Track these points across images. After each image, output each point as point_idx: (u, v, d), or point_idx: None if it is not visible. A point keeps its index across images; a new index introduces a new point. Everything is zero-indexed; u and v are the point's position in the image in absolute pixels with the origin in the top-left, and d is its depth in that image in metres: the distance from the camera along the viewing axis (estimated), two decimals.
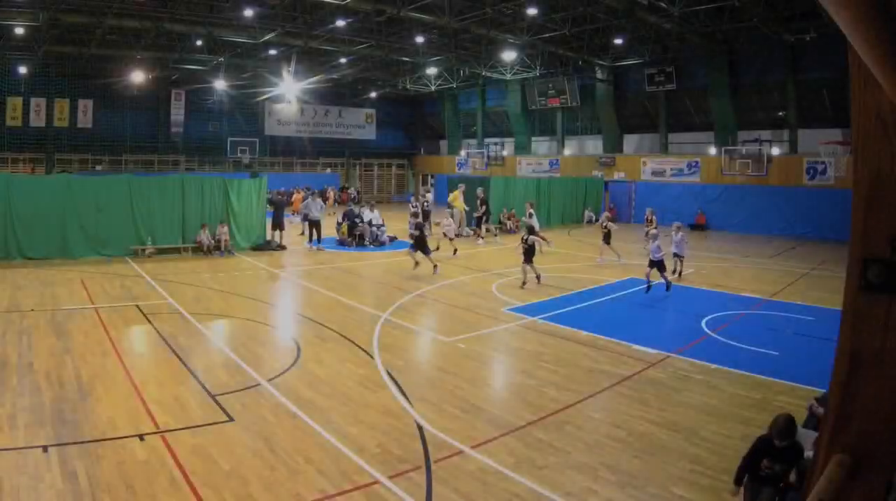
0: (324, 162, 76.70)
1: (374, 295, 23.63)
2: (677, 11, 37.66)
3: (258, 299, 22.06)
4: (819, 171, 44.24)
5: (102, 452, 10.02)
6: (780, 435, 7.84)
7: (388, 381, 13.76)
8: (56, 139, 59.96)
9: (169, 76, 61.39)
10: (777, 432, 7.84)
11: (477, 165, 69.48)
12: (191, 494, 8.91)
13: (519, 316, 19.78)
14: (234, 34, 46.59)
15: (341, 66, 59.45)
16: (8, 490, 8.72)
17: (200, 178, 33.19)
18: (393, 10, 39.93)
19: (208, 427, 11.18)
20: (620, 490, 9.25)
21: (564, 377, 14.25)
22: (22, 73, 56.39)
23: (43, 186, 29.49)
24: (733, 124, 49.33)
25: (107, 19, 41.71)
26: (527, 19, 43.79)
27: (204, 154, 68.06)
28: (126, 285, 23.81)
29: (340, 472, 9.67)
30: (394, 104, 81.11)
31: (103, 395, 12.47)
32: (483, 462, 10.07)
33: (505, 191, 44.88)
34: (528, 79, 61.68)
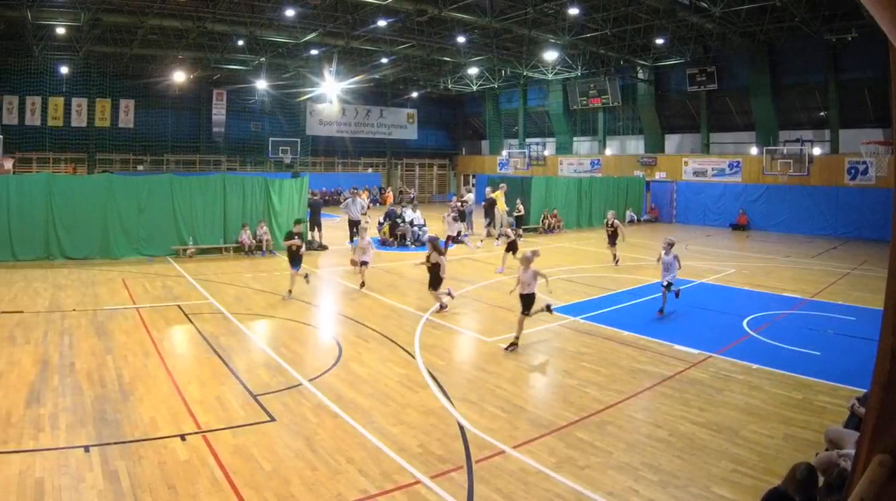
0: (365, 162, 76.88)
1: (415, 294, 23.49)
2: (719, 11, 37.54)
3: (299, 299, 22.02)
4: (860, 171, 43.86)
5: (144, 452, 10.11)
6: (799, 490, 6.92)
7: (429, 381, 13.81)
8: (97, 139, 60.35)
9: (210, 76, 61.66)
10: (796, 486, 6.94)
11: (518, 165, 69.26)
12: (232, 494, 8.99)
13: (560, 316, 19.65)
14: (276, 34, 46.82)
15: (383, 65, 59.63)
16: (50, 490, 8.82)
17: (242, 178, 33.41)
18: (434, 9, 39.97)
19: (250, 427, 11.26)
20: (662, 490, 9.26)
21: (606, 377, 14.25)
22: (63, 73, 56.73)
23: (84, 186, 29.55)
24: (774, 124, 49.00)
25: (148, 19, 42.01)
26: (568, 19, 43.82)
27: (245, 154, 68.48)
28: (167, 285, 23.94)
29: (382, 472, 9.70)
30: (435, 104, 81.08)
31: (145, 395, 12.58)
32: (524, 463, 10.07)
33: (546, 191, 44.65)
34: (569, 79, 61.66)
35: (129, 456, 9.92)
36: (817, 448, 9.82)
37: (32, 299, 20.60)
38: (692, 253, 34.40)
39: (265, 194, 32.88)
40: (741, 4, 38.12)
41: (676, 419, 11.92)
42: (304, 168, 67.88)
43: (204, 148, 66.29)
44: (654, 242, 35.33)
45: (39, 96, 56.17)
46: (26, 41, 47.82)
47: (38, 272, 25.39)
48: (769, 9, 39.63)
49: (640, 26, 45.31)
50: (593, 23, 44.85)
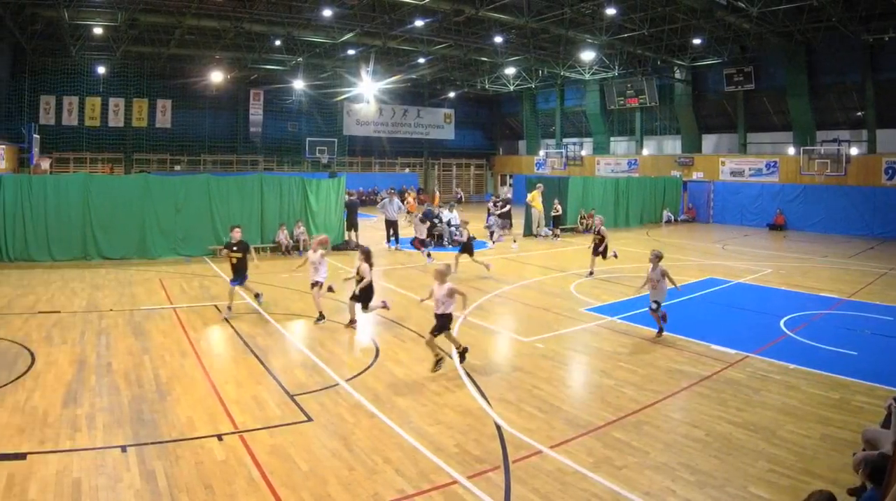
0: (402, 162, 77.04)
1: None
2: (756, 11, 37.35)
3: (336, 299, 21.83)
4: None
5: (181, 452, 10.20)
6: None
7: (466, 381, 13.82)
8: (134, 139, 60.85)
9: (248, 76, 62.01)
10: None
11: (555, 165, 69.22)
12: (269, 494, 9.05)
13: (598, 316, 19.74)
14: (313, 34, 47.01)
15: (420, 65, 59.71)
16: (87, 490, 8.91)
17: (279, 178, 33.49)
18: (471, 9, 39.99)
19: (287, 427, 11.33)
20: (699, 490, 9.25)
21: (643, 377, 14.24)
22: (100, 73, 57.20)
23: (122, 186, 29.78)
24: (811, 124, 48.69)
25: (186, 19, 42.32)
26: (605, 19, 43.70)
27: (282, 154, 68.72)
28: (205, 285, 24.12)
29: (419, 472, 9.75)
30: (472, 104, 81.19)
31: (182, 395, 12.68)
32: (562, 463, 10.08)
33: (583, 191, 44.59)
34: (606, 79, 61.54)
35: (166, 456, 10.01)
36: (854, 449, 9.80)
37: (70, 299, 20.73)
38: (729, 253, 34.41)
39: (302, 194, 32.95)
40: (778, 4, 37.89)
41: (713, 419, 11.90)
42: (341, 168, 68.21)
43: (241, 148, 66.68)
44: (693, 242, 35.38)
45: (77, 96, 56.62)
46: (63, 41, 48.14)
47: (76, 272, 25.56)
48: (806, 9, 39.46)
49: (678, 26, 45.16)
50: (630, 23, 44.79)
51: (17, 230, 27.43)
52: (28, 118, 51.95)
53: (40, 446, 10.11)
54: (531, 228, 40.14)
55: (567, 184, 43.45)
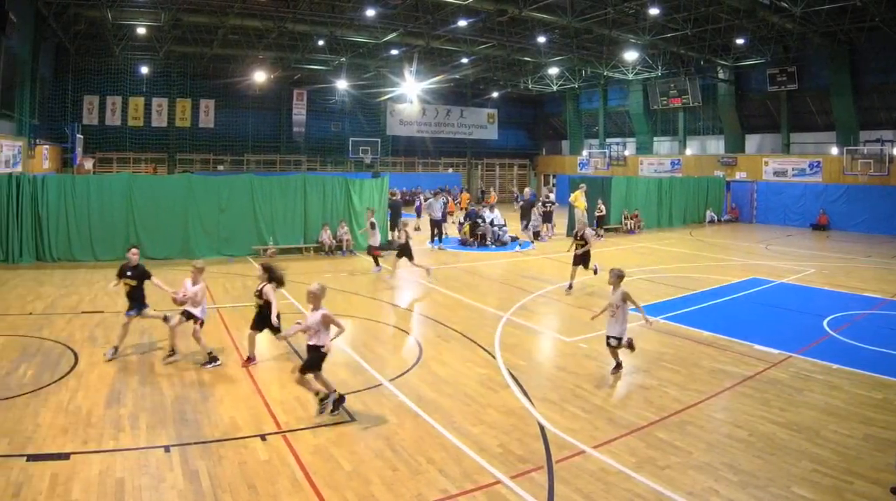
0: (445, 162, 77.04)
1: (495, 294, 23.54)
2: (799, 11, 37.20)
3: (380, 299, 22.18)
4: None
5: (224, 452, 10.29)
6: None
7: (509, 381, 13.82)
8: (178, 139, 61.31)
9: (291, 76, 62.18)
10: None
11: (598, 165, 68.96)
12: (313, 494, 9.10)
13: (640, 317, 19.66)
14: (356, 34, 47.10)
15: (463, 65, 59.70)
16: (130, 490, 9.00)
17: (322, 178, 33.65)
18: (515, 9, 40.02)
19: (330, 428, 11.37)
20: (742, 490, 9.23)
21: (686, 377, 14.22)
22: (143, 73, 57.74)
23: (165, 186, 29.91)
24: (855, 124, 48.30)
25: (229, 19, 42.51)
26: (648, 19, 43.63)
27: (326, 154, 68.96)
28: (248, 285, 23.90)
29: (462, 472, 9.77)
30: (516, 104, 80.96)
31: (225, 395, 12.79)
32: (605, 463, 10.08)
33: (626, 192, 44.43)
34: (649, 79, 61.40)
35: (210, 456, 10.11)
36: None
37: (113, 299, 20.77)
38: (772, 254, 34.21)
39: (345, 194, 33.01)
40: (821, 5, 37.69)
41: (756, 419, 11.86)
42: (385, 168, 68.37)
43: (284, 148, 66.96)
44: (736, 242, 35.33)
45: (120, 96, 57.11)
46: (107, 41, 48.61)
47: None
48: (849, 9, 39.23)
49: (721, 26, 45.02)
50: (673, 23, 44.64)
51: (60, 230, 27.66)
52: (71, 118, 52.34)
53: (83, 446, 10.23)
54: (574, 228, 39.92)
55: (610, 184, 43.27)
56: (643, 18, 43.98)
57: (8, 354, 14.50)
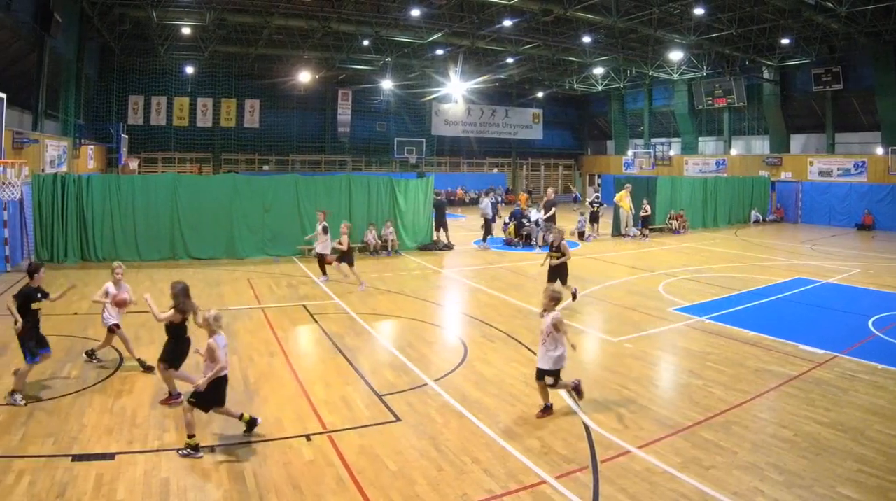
0: (490, 162, 77.02)
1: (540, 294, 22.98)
2: (844, 11, 37.04)
3: (425, 299, 22.21)
4: None
5: (269, 452, 10.34)
6: None
7: None
8: (222, 139, 61.76)
9: (335, 76, 62.46)
10: None
11: (643, 165, 68.80)
12: (358, 494, 9.11)
13: (686, 316, 19.62)
14: (401, 34, 47.40)
15: (508, 65, 59.74)
16: (175, 490, 9.06)
17: (367, 178, 33.70)
18: (560, 9, 40.06)
19: (375, 428, 11.39)
20: (787, 490, 9.17)
21: (731, 377, 14.12)
22: (188, 72, 58.17)
23: (210, 186, 30.02)
24: None
25: (274, 19, 42.90)
26: (693, 19, 43.54)
27: (370, 154, 69.17)
28: (293, 285, 24.25)
29: (507, 472, 9.74)
30: (561, 104, 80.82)
31: (270, 395, 12.85)
32: (650, 462, 10.05)
33: (671, 192, 44.25)
34: (694, 78, 61.17)
35: (255, 457, 10.16)
36: None
37: (157, 299, 20.64)
38: (817, 254, 33.97)
39: (391, 194, 33.02)
40: (867, 5, 37.58)
41: (801, 419, 11.78)
42: (430, 168, 68.61)
43: (329, 148, 67.20)
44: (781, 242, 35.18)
45: (165, 96, 57.68)
46: (152, 41, 49.13)
47: (164, 272, 25.73)
48: (895, 9, 38.94)
49: (766, 26, 44.85)
50: (718, 23, 44.51)
51: (105, 230, 27.84)
52: (116, 118, 52.79)
53: (128, 446, 10.31)
54: (619, 228, 40.04)
55: (655, 184, 43.07)
56: (688, 18, 43.92)
57: (54, 354, 14.44)
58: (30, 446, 10.26)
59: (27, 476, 9.26)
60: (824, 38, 47.46)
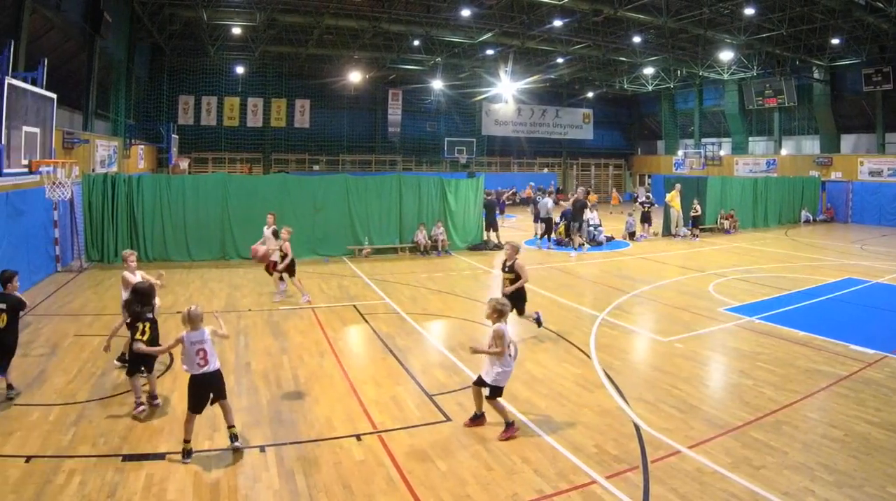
0: (540, 162, 76.97)
1: (590, 295, 23.44)
2: (894, 12, 36.70)
3: (475, 299, 22.17)
4: None
5: (319, 452, 10.36)
6: None
7: (605, 381, 13.76)
8: (273, 139, 62.20)
9: (386, 76, 63.00)
10: None
11: (694, 165, 68.40)
12: (408, 494, 9.12)
13: (736, 316, 19.51)
14: (452, 34, 47.59)
15: (558, 65, 59.78)
16: (225, 490, 9.13)
17: (417, 178, 33.87)
18: (610, 9, 40.09)
19: (425, 427, 11.41)
20: (837, 490, 9.09)
21: (781, 377, 14.02)
22: (239, 72, 58.72)
23: (260, 186, 30.19)
24: None
25: (324, 19, 43.13)
26: (744, 19, 43.44)
27: (421, 154, 69.40)
28: (343, 285, 24.30)
29: (557, 472, 9.74)
30: (611, 104, 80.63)
31: (320, 395, 12.86)
32: (700, 462, 10.01)
33: (722, 192, 43.98)
34: (745, 79, 60.72)
35: (305, 456, 10.20)
36: None
37: (208, 299, 21.08)
38: (868, 253, 33.68)
39: (441, 194, 33.03)
40: None
41: (852, 419, 11.67)
42: (480, 168, 68.69)
43: (379, 148, 67.53)
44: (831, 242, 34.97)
45: (215, 96, 58.27)
46: (202, 41, 49.59)
47: (214, 272, 26.09)
48: None
49: (816, 26, 44.69)
50: (769, 23, 44.38)
51: (155, 230, 28.12)
52: (166, 118, 53.25)
53: (179, 446, 10.30)
54: (670, 228, 39.99)
55: (706, 184, 42.92)
56: (738, 18, 43.82)
57: (103, 354, 14.63)
58: (80, 446, 10.35)
59: (77, 476, 9.35)
60: (874, 38, 46.98)
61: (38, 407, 11.94)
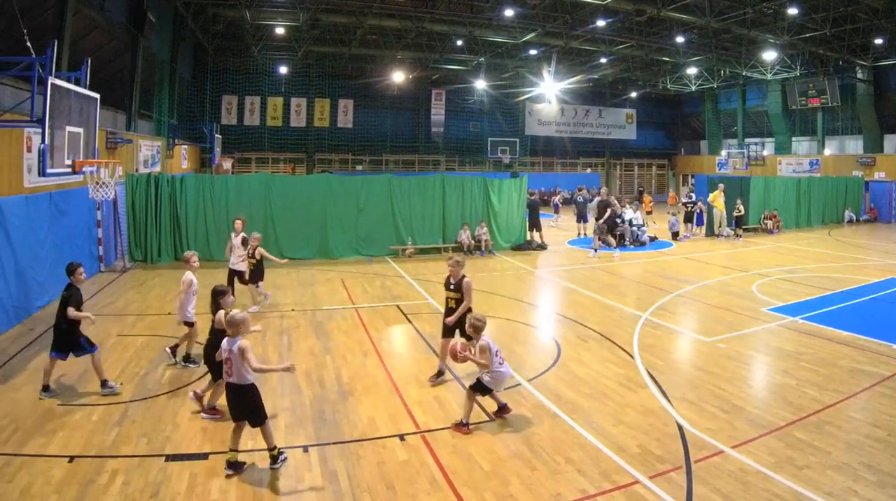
0: (584, 162, 76.87)
1: (634, 294, 23.37)
2: None
3: (518, 299, 22.19)
4: None
5: (363, 452, 10.39)
6: None
7: (648, 381, 13.74)
8: (316, 139, 62.52)
9: (429, 76, 63.12)
10: None
11: (737, 165, 68.03)
12: (451, 494, 9.14)
13: (779, 316, 19.40)
14: (495, 34, 47.71)
15: (601, 65, 59.64)
16: (269, 490, 9.18)
17: (461, 178, 33.92)
18: (653, 10, 40.08)
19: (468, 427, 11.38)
20: (881, 490, 9.04)
21: (825, 377, 13.93)
22: (282, 72, 58.99)
23: (303, 186, 30.25)
24: None
25: (367, 19, 43.29)
26: (787, 19, 43.22)
27: (464, 154, 69.54)
28: (386, 285, 24.35)
29: (600, 472, 9.73)
30: (654, 104, 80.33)
31: (364, 395, 12.89)
32: (743, 463, 9.96)
33: (765, 192, 43.76)
34: (788, 78, 60.34)
35: (348, 456, 10.22)
36: None
37: (251, 299, 21.26)
38: None
39: (484, 194, 33.00)
40: None
41: (895, 418, 11.62)
42: (523, 168, 68.60)
43: (423, 148, 67.80)
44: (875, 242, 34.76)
45: (258, 96, 58.65)
46: (245, 41, 50.08)
47: None
48: None
49: (859, 26, 44.61)
50: (812, 23, 44.14)
51: (198, 230, 28.33)
52: (210, 118, 53.64)
53: (222, 446, 10.37)
54: (713, 228, 39.84)
55: (749, 184, 42.76)
56: (782, 18, 43.64)
57: (147, 354, 14.91)
58: (123, 446, 10.44)
59: (121, 475, 9.43)
60: None
61: (81, 407, 12.05)
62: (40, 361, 14.23)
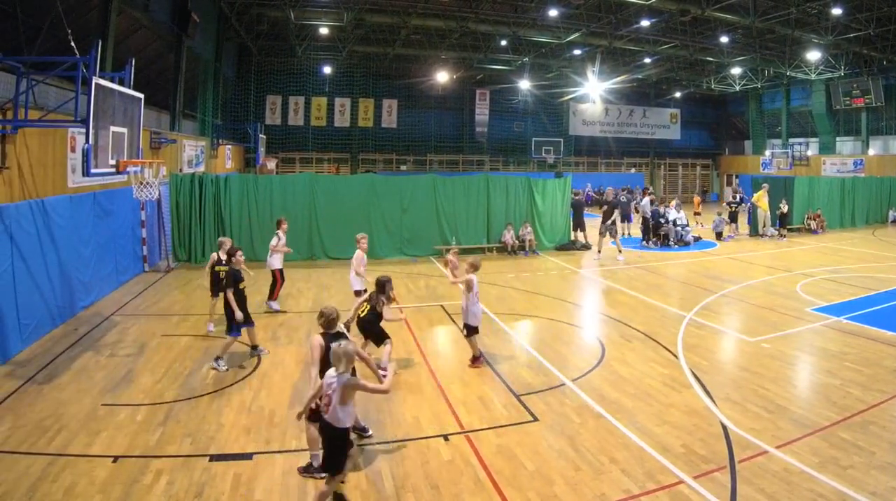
0: (628, 162, 76.52)
1: (678, 294, 23.23)
2: None
3: (562, 299, 22.17)
4: None
5: (407, 452, 10.44)
6: None
7: (692, 381, 13.71)
8: (360, 139, 62.66)
9: (473, 76, 63.12)
10: None
11: (781, 165, 67.58)
12: (495, 494, 9.15)
13: (823, 316, 19.27)
14: (539, 34, 47.52)
15: (645, 65, 59.25)
16: (312, 490, 9.18)
17: (505, 178, 33.76)
18: (697, 10, 39.87)
19: (513, 427, 11.42)
20: None
21: (869, 377, 13.85)
22: (326, 73, 59.26)
23: (347, 186, 30.19)
24: None
25: (411, 19, 43.35)
26: (831, 19, 42.89)
27: (508, 154, 69.38)
28: (430, 285, 24.47)
29: (645, 472, 9.73)
30: (698, 104, 79.79)
31: (408, 395, 12.95)
32: (788, 463, 9.93)
33: (809, 192, 43.40)
34: (832, 78, 59.84)
35: (393, 456, 10.27)
36: None
37: (296, 299, 21.37)
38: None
39: (528, 194, 32.91)
40: None
41: None
42: (567, 168, 68.52)
43: (467, 148, 67.69)
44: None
45: (302, 96, 58.94)
46: (289, 41, 50.26)
47: (302, 272, 26.19)
48: None
49: None
50: (856, 22, 43.80)
51: (243, 230, 28.31)
52: (254, 118, 54.05)
53: (266, 446, 10.51)
54: (757, 228, 39.65)
55: (793, 183, 42.42)
56: (826, 18, 43.31)
57: (192, 354, 15.04)
58: (167, 446, 10.53)
59: (165, 475, 9.52)
60: None
61: (125, 407, 12.14)
62: (84, 361, 14.46)
